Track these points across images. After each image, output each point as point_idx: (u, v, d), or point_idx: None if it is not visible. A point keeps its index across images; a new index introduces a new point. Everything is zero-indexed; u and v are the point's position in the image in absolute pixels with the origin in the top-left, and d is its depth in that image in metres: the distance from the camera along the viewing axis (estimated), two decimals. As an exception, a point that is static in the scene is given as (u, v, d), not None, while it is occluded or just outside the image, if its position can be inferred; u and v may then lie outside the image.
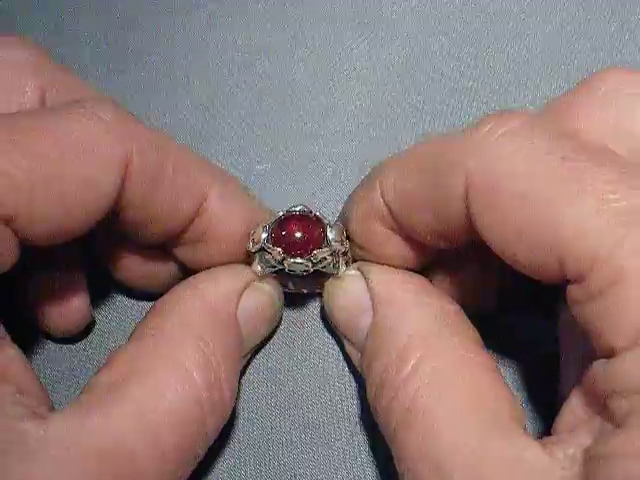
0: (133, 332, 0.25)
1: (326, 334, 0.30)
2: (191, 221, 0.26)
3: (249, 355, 0.29)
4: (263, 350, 0.30)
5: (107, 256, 0.29)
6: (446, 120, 0.33)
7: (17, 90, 0.26)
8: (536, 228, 0.19)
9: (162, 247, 0.28)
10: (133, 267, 0.29)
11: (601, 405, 0.19)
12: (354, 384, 0.29)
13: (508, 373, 0.28)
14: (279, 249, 0.26)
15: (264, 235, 0.27)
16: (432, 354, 0.23)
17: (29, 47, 0.27)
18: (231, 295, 0.26)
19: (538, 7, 0.35)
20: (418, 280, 0.26)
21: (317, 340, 0.30)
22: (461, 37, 0.34)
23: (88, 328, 0.30)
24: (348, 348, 0.28)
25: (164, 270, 0.29)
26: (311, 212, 0.27)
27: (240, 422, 0.29)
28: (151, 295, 0.30)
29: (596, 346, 0.19)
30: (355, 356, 0.28)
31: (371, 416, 0.25)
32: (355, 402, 0.29)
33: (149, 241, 0.27)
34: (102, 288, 0.31)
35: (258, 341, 0.29)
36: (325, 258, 0.27)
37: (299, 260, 0.26)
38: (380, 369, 0.24)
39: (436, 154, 0.23)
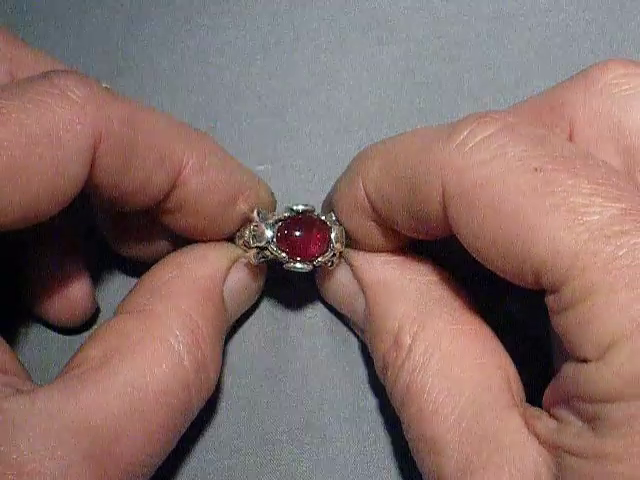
0: (119, 307, 0.25)
1: (325, 334, 0.30)
2: (168, 194, 0.25)
3: (227, 331, 0.28)
4: (263, 350, 0.30)
5: (106, 228, 0.29)
6: (446, 120, 0.33)
7: None
8: (510, 240, 0.19)
9: (150, 216, 0.27)
10: (130, 236, 0.28)
11: (569, 400, 0.19)
12: (354, 384, 0.29)
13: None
14: (284, 254, 0.26)
15: (269, 234, 0.26)
16: (423, 333, 0.23)
17: None
18: (218, 273, 0.26)
19: (538, 7, 0.35)
20: (399, 258, 0.26)
21: (317, 340, 0.30)
22: (461, 38, 0.34)
23: (93, 317, 0.30)
24: (355, 328, 0.29)
25: (160, 237, 0.29)
26: (314, 211, 0.27)
27: (240, 422, 0.29)
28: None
29: (570, 352, 0.19)
30: (361, 334, 0.28)
31: (371, 416, 0.25)
32: (355, 402, 0.29)
33: (129, 210, 0.26)
34: (107, 276, 0.31)
35: (237, 317, 0.29)
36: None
37: (299, 265, 0.26)
38: (381, 354, 0.24)
39: (414, 160, 0.22)
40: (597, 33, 0.34)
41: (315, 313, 0.30)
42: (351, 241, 0.27)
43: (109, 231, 0.29)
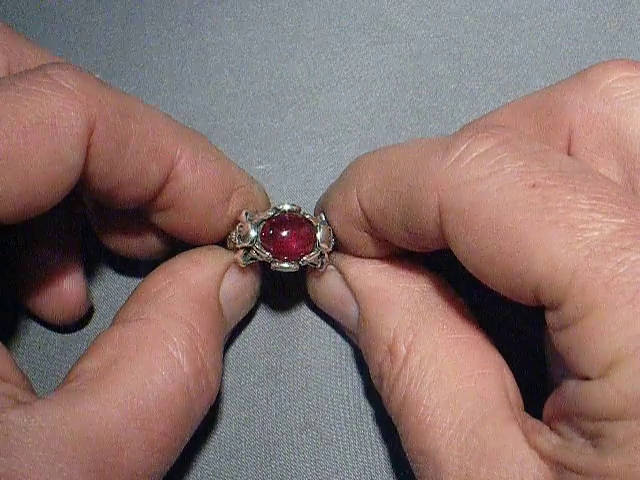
0: (115, 318, 0.25)
1: (325, 334, 0.30)
2: (161, 187, 0.25)
3: (227, 338, 0.28)
4: (263, 350, 0.30)
5: (97, 225, 0.29)
6: (445, 120, 0.33)
7: None
8: (508, 257, 0.19)
9: (141, 214, 0.27)
10: (120, 233, 0.28)
11: (570, 417, 0.19)
12: (354, 384, 0.29)
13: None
14: (268, 254, 0.26)
15: (254, 234, 0.26)
16: (419, 343, 0.23)
17: None
18: (213, 279, 0.26)
19: (538, 7, 0.35)
20: (393, 266, 0.26)
21: (317, 340, 0.30)
22: (461, 38, 0.34)
23: (87, 316, 0.30)
24: (346, 332, 0.28)
25: (150, 236, 0.28)
26: (300, 210, 0.27)
27: (240, 422, 0.29)
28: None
29: (571, 370, 0.19)
30: (354, 338, 0.28)
31: (371, 416, 0.25)
32: (355, 402, 0.29)
33: (122, 207, 0.26)
34: (103, 275, 0.31)
35: (236, 323, 0.29)
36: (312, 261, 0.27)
37: (286, 265, 0.26)
38: (377, 363, 0.24)
39: (409, 175, 0.22)
40: (598, 33, 0.34)
41: (315, 313, 0.30)
42: (342, 248, 0.27)
43: (99, 227, 0.29)
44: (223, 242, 0.28)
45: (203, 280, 0.26)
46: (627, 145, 0.22)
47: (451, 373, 0.22)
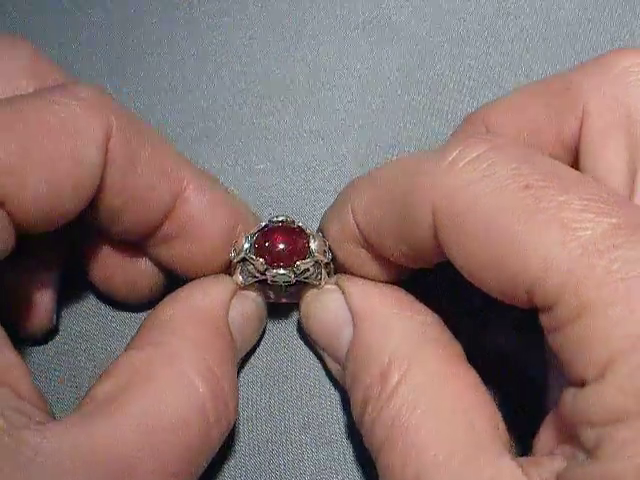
0: (129, 344, 0.25)
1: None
2: (169, 209, 0.26)
3: (239, 364, 0.28)
4: (263, 350, 0.30)
5: (84, 260, 0.29)
6: (446, 120, 0.33)
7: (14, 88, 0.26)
8: (502, 259, 0.19)
9: (138, 245, 0.27)
10: (110, 269, 0.28)
11: (572, 433, 0.19)
12: (354, 384, 0.29)
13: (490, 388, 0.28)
14: (262, 260, 0.26)
15: (246, 245, 0.26)
16: (414, 372, 0.22)
17: (25, 47, 0.27)
18: (221, 305, 0.26)
19: (538, 7, 0.35)
20: (397, 293, 0.26)
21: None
22: (461, 37, 0.34)
23: (52, 333, 0.30)
24: (328, 362, 0.28)
25: (143, 274, 0.28)
26: (294, 222, 0.27)
27: (240, 422, 0.29)
28: (129, 306, 0.30)
29: (567, 374, 0.18)
30: (335, 370, 0.27)
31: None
32: (355, 402, 0.29)
33: (125, 234, 0.26)
34: (77, 293, 0.31)
35: (248, 349, 0.29)
36: (308, 269, 0.26)
37: (282, 271, 0.26)
38: (363, 387, 0.23)
39: (403, 183, 0.22)
40: (598, 32, 0.34)
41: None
42: (342, 268, 0.27)
43: (89, 264, 0.29)
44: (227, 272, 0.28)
45: (212, 307, 0.26)
46: (636, 129, 0.22)
47: (444, 404, 0.22)
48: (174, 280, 0.28)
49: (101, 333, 0.30)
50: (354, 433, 0.28)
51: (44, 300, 0.28)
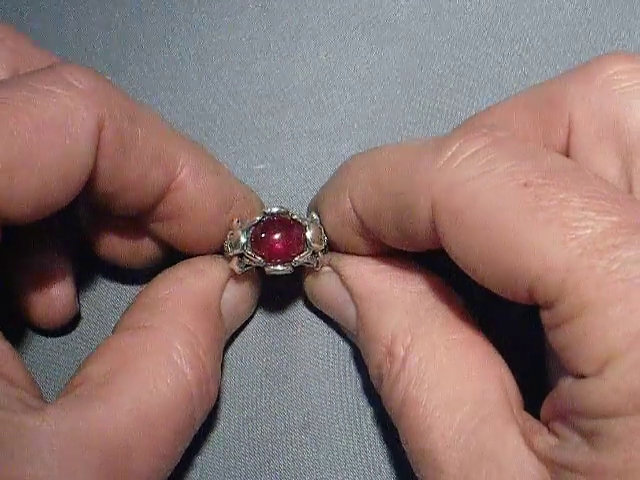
0: (118, 324, 0.25)
1: (325, 334, 0.30)
2: (163, 194, 0.26)
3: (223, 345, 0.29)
4: (262, 350, 0.30)
5: (89, 231, 0.29)
6: (446, 120, 0.33)
7: None
8: (501, 257, 0.19)
9: (138, 222, 0.27)
10: (114, 241, 0.29)
11: (568, 417, 0.19)
12: (354, 383, 0.29)
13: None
14: (260, 258, 0.26)
15: (243, 240, 0.26)
16: (417, 345, 0.23)
17: (5, 29, 0.27)
18: (216, 288, 0.27)
19: (538, 7, 0.35)
20: (390, 266, 0.26)
21: (316, 340, 0.30)
22: (461, 37, 0.34)
23: (74, 321, 0.30)
24: (347, 333, 0.28)
25: (145, 244, 0.29)
26: (288, 212, 0.27)
27: (240, 422, 0.29)
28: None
29: (567, 368, 0.19)
30: (353, 338, 0.28)
31: (370, 416, 0.25)
32: (355, 402, 0.29)
33: (121, 213, 0.26)
34: (90, 279, 0.31)
35: (233, 331, 0.29)
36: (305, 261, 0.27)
37: (280, 267, 0.26)
38: (375, 365, 0.24)
39: (401, 176, 0.22)
40: (598, 32, 0.34)
41: (314, 313, 0.30)
42: (336, 248, 0.27)
43: (92, 234, 0.29)
44: (222, 252, 0.28)
45: (206, 289, 0.26)
46: (625, 137, 0.22)
47: (450, 374, 0.22)
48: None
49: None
50: (354, 433, 0.28)
51: (65, 287, 0.28)
